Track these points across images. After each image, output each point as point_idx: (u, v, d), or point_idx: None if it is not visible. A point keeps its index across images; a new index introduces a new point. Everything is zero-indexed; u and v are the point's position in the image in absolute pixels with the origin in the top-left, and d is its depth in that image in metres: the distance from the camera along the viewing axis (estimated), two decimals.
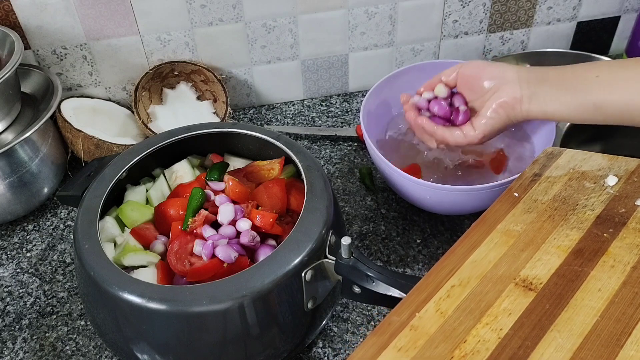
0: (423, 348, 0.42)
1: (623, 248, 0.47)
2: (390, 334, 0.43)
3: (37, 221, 0.83)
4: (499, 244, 0.50)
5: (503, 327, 0.42)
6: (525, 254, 0.48)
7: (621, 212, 0.51)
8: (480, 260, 0.48)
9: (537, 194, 0.55)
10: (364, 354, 0.42)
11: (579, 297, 0.43)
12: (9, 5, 0.81)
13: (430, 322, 0.44)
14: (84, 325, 0.69)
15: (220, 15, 0.88)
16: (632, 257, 0.46)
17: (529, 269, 0.47)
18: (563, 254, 0.47)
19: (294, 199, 0.64)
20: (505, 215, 0.53)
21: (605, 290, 0.43)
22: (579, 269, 0.46)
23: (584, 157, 0.58)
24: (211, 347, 0.56)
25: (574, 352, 0.39)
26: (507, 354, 0.40)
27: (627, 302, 0.42)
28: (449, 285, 0.46)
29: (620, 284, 0.44)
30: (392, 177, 0.71)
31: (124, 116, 0.93)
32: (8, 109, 0.79)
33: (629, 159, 0.56)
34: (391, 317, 0.45)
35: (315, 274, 0.56)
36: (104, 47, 0.88)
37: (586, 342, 0.40)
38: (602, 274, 0.45)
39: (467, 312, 0.44)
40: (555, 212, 0.52)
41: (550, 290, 0.44)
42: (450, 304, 0.45)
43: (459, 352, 0.41)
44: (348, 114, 0.97)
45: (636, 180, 0.54)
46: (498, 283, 0.46)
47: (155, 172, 0.71)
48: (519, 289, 0.45)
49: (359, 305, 0.69)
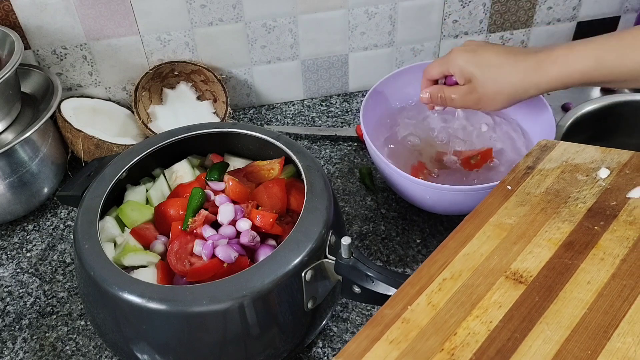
0: (414, 340, 0.42)
1: (613, 241, 0.47)
2: (382, 326, 0.43)
3: (37, 221, 0.83)
4: (491, 237, 0.50)
5: (493, 319, 0.42)
6: (517, 247, 0.48)
7: (612, 204, 0.51)
8: (472, 254, 0.48)
9: (530, 186, 0.55)
10: (357, 346, 0.42)
11: (568, 290, 0.44)
12: (9, 5, 0.81)
13: (422, 315, 0.44)
14: (84, 325, 0.69)
15: (220, 15, 0.88)
16: (621, 250, 0.46)
17: (519, 262, 0.47)
18: (554, 246, 0.48)
19: (294, 199, 0.64)
20: (498, 209, 0.53)
21: (594, 283, 0.44)
22: (569, 261, 0.46)
23: (577, 149, 0.58)
24: (211, 347, 0.56)
25: (561, 344, 0.40)
26: (495, 346, 0.40)
27: (615, 294, 0.43)
28: (441, 279, 0.47)
29: (609, 276, 0.44)
30: (392, 177, 0.71)
31: (124, 116, 0.93)
32: (8, 109, 0.79)
33: (622, 151, 0.56)
34: (384, 310, 0.45)
35: (315, 274, 0.56)
36: (104, 47, 0.88)
37: (574, 334, 0.40)
38: (591, 267, 0.45)
39: (458, 304, 0.44)
40: (548, 205, 0.52)
41: (540, 283, 0.45)
42: (442, 297, 0.45)
43: (449, 344, 0.41)
44: (348, 114, 0.97)
45: (628, 173, 0.54)
46: (489, 276, 0.46)
47: (155, 172, 0.71)
48: (509, 281, 0.45)
49: (359, 305, 0.69)
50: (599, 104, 0.81)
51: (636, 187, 0.52)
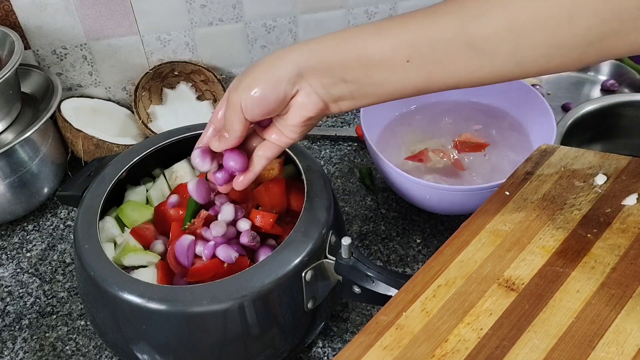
0: (407, 347, 0.42)
1: (605, 249, 0.47)
2: (377, 333, 0.44)
3: (37, 221, 0.83)
4: (486, 244, 0.50)
5: (483, 326, 0.42)
6: (511, 254, 0.48)
7: (607, 212, 0.50)
8: (467, 260, 0.48)
9: (528, 192, 0.54)
10: (352, 352, 0.43)
11: (557, 298, 0.44)
12: (9, 5, 0.81)
13: (415, 322, 0.44)
14: (84, 325, 0.69)
15: (220, 15, 0.88)
16: (612, 259, 0.46)
17: (512, 269, 0.47)
18: (547, 254, 0.48)
19: (294, 199, 0.64)
20: (494, 215, 0.53)
21: (584, 292, 0.44)
22: (560, 269, 0.46)
23: (577, 154, 0.58)
24: (211, 347, 0.56)
25: (547, 352, 0.40)
26: (484, 354, 0.40)
27: (603, 303, 0.43)
28: (436, 285, 0.47)
29: (598, 285, 0.44)
30: (392, 177, 0.71)
31: (124, 116, 0.93)
32: (8, 109, 0.79)
33: (620, 157, 0.56)
34: (379, 316, 0.45)
35: (315, 274, 0.56)
36: (104, 47, 0.88)
37: (560, 342, 0.40)
38: (582, 275, 0.45)
39: (450, 311, 0.44)
40: (543, 212, 0.52)
41: (531, 290, 0.45)
42: (436, 303, 0.45)
43: (440, 351, 0.41)
44: (348, 114, 0.97)
45: (624, 179, 0.53)
46: (482, 283, 0.46)
47: (155, 172, 0.71)
48: (501, 289, 0.45)
49: (359, 305, 0.69)
50: (599, 104, 0.81)
51: (631, 194, 0.51)
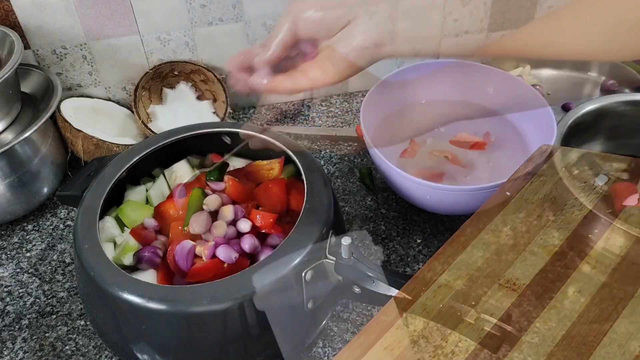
0: (407, 348, 0.42)
1: (606, 250, 0.47)
2: (377, 333, 0.44)
3: (37, 221, 0.83)
4: (487, 244, 0.50)
5: (484, 327, 0.42)
6: (512, 254, 0.48)
7: (608, 212, 0.51)
8: (467, 261, 0.48)
9: (528, 193, 0.54)
10: (352, 353, 0.43)
11: (558, 299, 0.44)
12: (9, 5, 0.81)
13: (416, 322, 0.44)
14: (84, 325, 0.69)
15: (220, 15, 0.88)
16: (613, 259, 0.46)
17: (513, 270, 0.47)
18: (547, 254, 0.48)
19: (294, 199, 0.64)
20: (495, 215, 0.53)
21: (585, 292, 0.44)
22: (561, 270, 0.46)
23: (577, 155, 0.58)
24: (211, 347, 0.56)
25: (548, 352, 0.40)
26: (485, 354, 0.40)
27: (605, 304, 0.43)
28: (436, 285, 0.47)
29: (599, 286, 0.44)
30: (392, 177, 0.71)
31: (124, 116, 0.93)
32: (8, 109, 0.79)
33: (621, 157, 0.56)
34: (379, 316, 0.45)
35: (315, 274, 0.56)
36: (104, 47, 0.88)
37: (561, 343, 0.40)
38: (583, 276, 0.45)
39: (451, 312, 0.44)
40: (544, 212, 0.52)
41: (532, 291, 0.45)
42: (436, 303, 0.45)
43: (441, 351, 0.41)
44: (348, 114, 0.97)
45: (625, 180, 0.53)
46: (483, 283, 0.46)
47: (155, 172, 0.71)
48: (502, 289, 0.45)
49: (359, 305, 0.69)
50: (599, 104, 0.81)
51: (632, 194, 0.51)
